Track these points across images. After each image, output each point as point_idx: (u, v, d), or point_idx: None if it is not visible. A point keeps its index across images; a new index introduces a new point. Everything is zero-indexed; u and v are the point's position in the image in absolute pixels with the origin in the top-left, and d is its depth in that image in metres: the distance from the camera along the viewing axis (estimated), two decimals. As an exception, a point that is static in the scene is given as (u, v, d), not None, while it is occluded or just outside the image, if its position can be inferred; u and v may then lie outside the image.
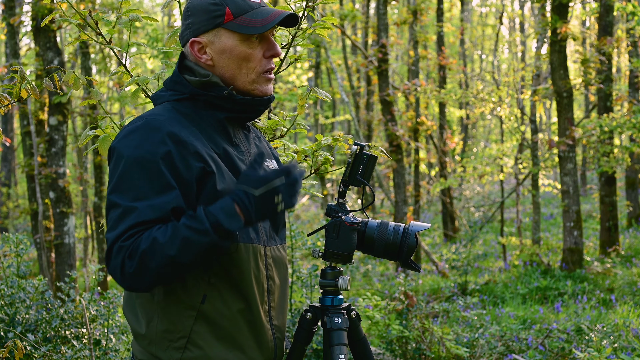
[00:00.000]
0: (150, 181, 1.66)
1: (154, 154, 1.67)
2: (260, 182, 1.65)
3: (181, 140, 1.71)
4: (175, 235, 1.60)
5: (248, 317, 1.80)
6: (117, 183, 1.67)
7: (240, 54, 1.81)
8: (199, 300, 1.75)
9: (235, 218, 1.63)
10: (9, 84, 2.45)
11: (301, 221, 17.94)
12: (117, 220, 1.64)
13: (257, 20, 1.79)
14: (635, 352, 4.67)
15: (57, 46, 7.35)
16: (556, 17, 8.67)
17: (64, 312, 3.80)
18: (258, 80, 1.84)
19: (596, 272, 8.49)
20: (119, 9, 2.45)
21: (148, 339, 1.78)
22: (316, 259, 2.03)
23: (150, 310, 1.78)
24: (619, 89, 14.71)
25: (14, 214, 16.68)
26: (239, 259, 1.77)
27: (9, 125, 15.85)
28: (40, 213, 8.48)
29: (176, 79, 1.86)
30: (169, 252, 1.59)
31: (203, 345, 1.75)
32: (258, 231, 1.85)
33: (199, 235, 1.60)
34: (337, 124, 23.00)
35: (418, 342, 4.96)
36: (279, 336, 1.91)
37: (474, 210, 16.87)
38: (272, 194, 1.65)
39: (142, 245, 1.59)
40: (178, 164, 1.69)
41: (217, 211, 1.62)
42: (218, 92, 1.81)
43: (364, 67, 11.50)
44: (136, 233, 1.62)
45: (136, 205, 1.63)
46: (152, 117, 1.75)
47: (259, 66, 1.83)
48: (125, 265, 1.61)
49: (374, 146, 2.52)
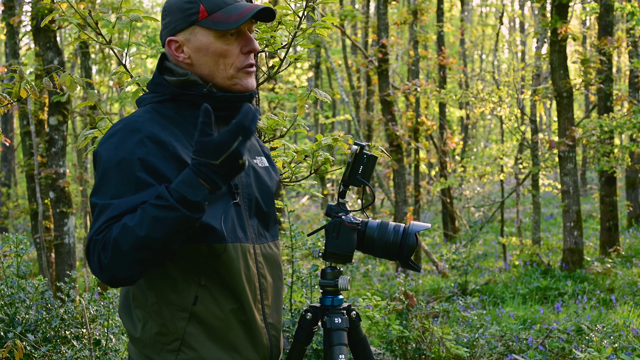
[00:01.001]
0: (128, 181, 1.67)
1: (132, 154, 1.69)
2: (218, 151, 1.60)
3: (160, 141, 1.72)
4: (143, 217, 1.60)
5: (241, 317, 1.80)
6: (97, 185, 1.70)
7: (216, 51, 1.80)
8: (190, 301, 1.75)
9: (199, 188, 1.61)
10: (9, 84, 2.45)
11: (301, 221, 17.93)
12: (95, 220, 1.66)
13: (230, 16, 1.78)
14: (635, 352, 4.67)
15: (57, 46, 7.35)
16: (556, 17, 8.66)
17: (64, 312, 3.80)
18: (237, 76, 1.82)
19: (596, 272, 8.49)
20: (119, 9, 2.45)
21: (143, 342, 1.79)
22: (316, 259, 2.03)
23: (144, 314, 1.79)
24: (619, 89, 14.72)
25: (14, 213, 16.68)
26: (228, 259, 1.77)
27: (9, 125, 15.85)
28: (40, 213, 8.48)
29: (156, 80, 1.86)
30: (140, 233, 1.58)
31: (197, 347, 1.75)
32: (246, 230, 1.84)
33: (167, 211, 1.59)
34: (337, 124, 23.00)
35: (418, 342, 4.96)
36: (275, 334, 1.90)
37: (474, 210, 16.87)
38: (233, 158, 1.61)
39: (113, 234, 1.60)
40: (157, 165, 1.70)
41: (180, 185, 1.61)
42: (197, 90, 1.81)
43: (364, 67, 11.50)
44: (109, 226, 1.63)
45: (112, 202, 1.65)
46: (132, 119, 1.76)
47: (237, 62, 1.82)
48: (101, 257, 1.61)
49: (374, 146, 2.52)
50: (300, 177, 2.69)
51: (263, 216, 1.92)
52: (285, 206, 4.36)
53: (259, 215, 1.91)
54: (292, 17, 2.55)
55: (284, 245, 4.75)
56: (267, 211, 1.94)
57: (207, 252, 1.75)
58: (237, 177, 1.83)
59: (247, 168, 1.87)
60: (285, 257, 5.13)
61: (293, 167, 2.62)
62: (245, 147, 1.62)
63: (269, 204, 1.95)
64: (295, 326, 4.18)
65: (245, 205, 1.86)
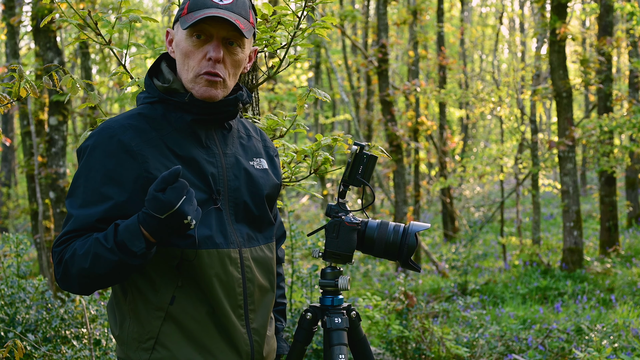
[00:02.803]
0: (92, 191, 1.72)
1: (101, 164, 1.73)
2: (164, 208, 1.60)
3: (131, 150, 1.74)
4: (89, 250, 1.65)
5: (217, 321, 1.79)
6: (71, 188, 1.77)
7: (183, 49, 1.81)
8: (167, 301, 1.75)
9: (138, 240, 1.63)
10: (8, 83, 2.45)
11: (301, 221, 17.93)
12: (63, 225, 1.74)
13: (195, 17, 1.76)
14: (635, 352, 4.67)
15: (57, 46, 7.35)
16: (555, 17, 8.67)
17: (64, 312, 3.80)
18: (196, 81, 1.80)
19: (596, 272, 8.49)
20: (118, 9, 2.45)
21: (121, 339, 1.81)
22: (316, 259, 2.02)
23: (123, 312, 1.81)
24: (619, 89, 14.71)
25: (14, 213, 16.68)
26: (201, 265, 1.76)
27: (9, 125, 15.85)
28: (40, 213, 8.48)
29: (147, 82, 1.88)
30: (83, 265, 1.65)
31: (171, 347, 1.75)
32: (227, 235, 1.82)
33: (107, 252, 1.64)
34: (337, 124, 23.00)
35: (418, 342, 4.96)
36: (258, 339, 1.87)
37: (474, 210, 16.87)
38: (177, 216, 1.61)
39: (65, 255, 1.68)
40: (122, 177, 1.73)
41: (123, 231, 1.64)
42: (179, 98, 1.82)
43: (364, 67, 11.50)
44: (66, 240, 1.70)
45: (74, 213, 1.72)
46: (108, 124, 1.79)
47: (197, 66, 1.80)
48: (56, 270, 1.71)
49: (374, 146, 2.52)
50: (300, 177, 2.69)
51: (253, 219, 1.90)
52: (285, 206, 4.36)
53: (248, 219, 1.88)
54: (292, 17, 2.55)
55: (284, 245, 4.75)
56: (259, 214, 1.91)
57: (180, 256, 1.75)
58: (222, 181, 1.83)
59: (240, 173, 1.88)
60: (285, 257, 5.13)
61: (293, 167, 2.62)
62: (192, 207, 1.63)
63: (261, 206, 1.92)
64: (295, 326, 4.18)
65: (230, 209, 1.84)
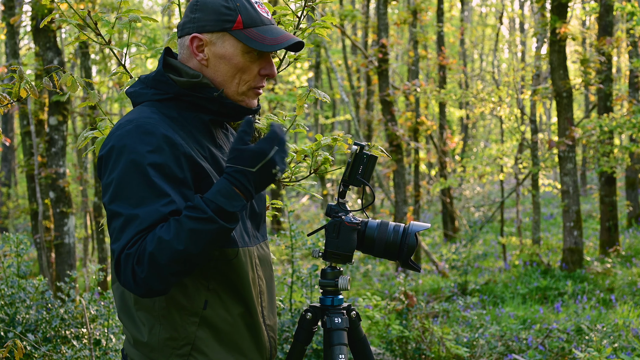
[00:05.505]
0: (149, 186, 1.62)
1: (150, 159, 1.64)
2: (256, 158, 1.62)
3: (175, 143, 1.68)
4: (180, 230, 1.57)
5: (247, 320, 1.81)
6: (115, 191, 1.64)
7: (238, 64, 1.78)
8: (200, 306, 1.74)
9: (235, 199, 1.61)
10: (8, 84, 2.45)
11: (301, 221, 17.93)
12: (120, 230, 1.61)
13: (265, 37, 1.77)
14: (635, 352, 4.67)
15: (57, 46, 7.35)
16: (555, 17, 8.67)
17: (64, 312, 3.80)
18: (248, 94, 1.83)
19: (596, 272, 8.49)
20: (118, 9, 2.45)
21: (150, 346, 1.76)
22: (316, 259, 2.03)
23: (151, 318, 1.75)
24: (619, 89, 14.71)
25: (14, 213, 16.68)
26: (239, 264, 1.77)
27: (9, 125, 15.85)
28: (40, 213, 8.48)
29: (161, 78, 1.80)
30: (178, 247, 1.56)
31: (207, 351, 1.75)
32: (249, 234, 1.84)
33: (204, 223, 1.57)
34: (337, 124, 23.00)
35: (418, 342, 4.96)
36: (272, 335, 1.92)
37: (474, 210, 16.87)
38: (269, 166, 1.63)
39: (148, 248, 1.56)
40: (174, 169, 1.66)
41: (216, 196, 1.60)
42: (207, 93, 1.78)
43: (364, 67, 11.50)
44: (140, 239, 1.59)
45: (137, 212, 1.60)
46: (143, 120, 1.70)
47: (252, 81, 1.81)
48: (136, 271, 1.57)
49: (374, 146, 2.52)
50: (299, 177, 2.68)
51: (255, 217, 1.92)
52: (285, 206, 4.36)
53: (252, 217, 1.91)
54: (292, 17, 2.55)
55: (284, 245, 4.75)
56: (259, 212, 1.94)
57: (218, 256, 1.74)
58: None
59: None
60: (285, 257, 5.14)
61: (293, 167, 2.62)
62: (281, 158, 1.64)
63: (261, 204, 1.95)
64: (295, 326, 4.18)
65: None
